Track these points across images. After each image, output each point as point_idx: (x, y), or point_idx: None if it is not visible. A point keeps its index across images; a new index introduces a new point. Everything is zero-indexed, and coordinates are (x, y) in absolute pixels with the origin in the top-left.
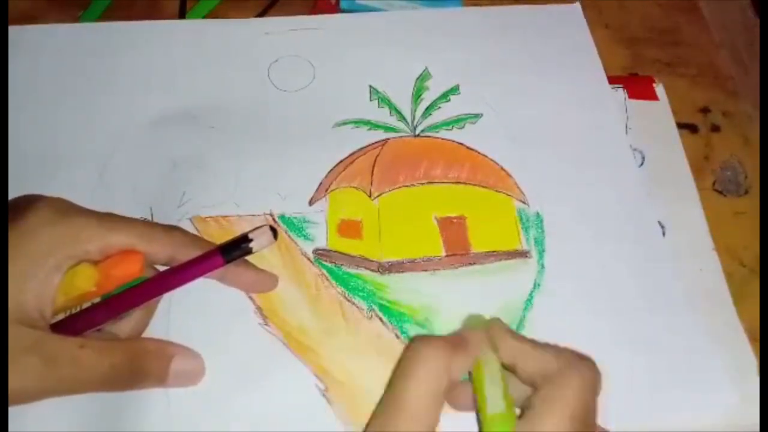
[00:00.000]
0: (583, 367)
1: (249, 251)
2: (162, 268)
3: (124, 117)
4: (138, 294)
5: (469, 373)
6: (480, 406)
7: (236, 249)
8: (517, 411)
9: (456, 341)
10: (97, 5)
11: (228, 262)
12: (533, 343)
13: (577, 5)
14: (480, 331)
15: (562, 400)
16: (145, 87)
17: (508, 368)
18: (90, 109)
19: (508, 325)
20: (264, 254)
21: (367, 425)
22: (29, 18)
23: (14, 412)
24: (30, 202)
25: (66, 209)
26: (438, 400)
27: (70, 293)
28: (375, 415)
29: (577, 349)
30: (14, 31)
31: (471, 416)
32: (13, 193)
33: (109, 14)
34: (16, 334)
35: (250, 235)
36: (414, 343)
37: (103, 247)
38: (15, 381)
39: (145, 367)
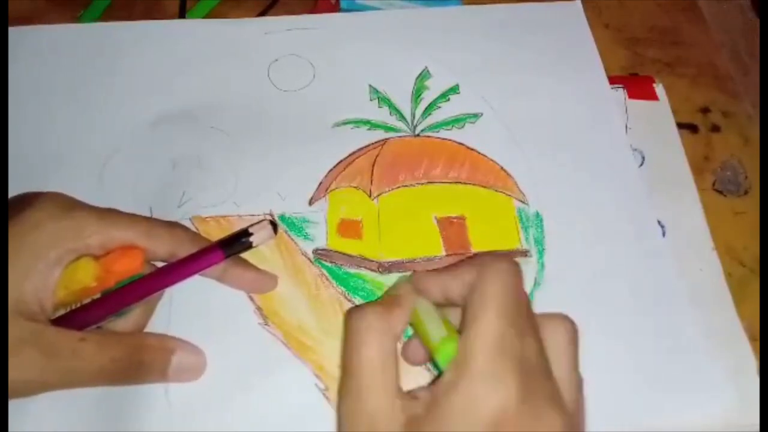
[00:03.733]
0: (497, 261)
1: (249, 245)
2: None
3: (124, 117)
4: (138, 288)
5: (411, 327)
6: (426, 343)
7: (236, 243)
8: None
9: (386, 300)
10: (97, 5)
11: (228, 256)
12: (450, 267)
13: (578, 3)
14: (405, 284)
15: (486, 302)
16: (145, 87)
17: (444, 304)
18: (90, 109)
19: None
20: (264, 254)
21: (337, 411)
22: (29, 18)
23: (14, 409)
24: (31, 197)
25: (68, 204)
26: (391, 362)
27: (71, 287)
28: (340, 401)
29: None
30: (14, 32)
31: None
32: (13, 192)
33: (109, 14)
34: (16, 326)
35: (251, 230)
36: (349, 315)
37: (104, 242)
38: (15, 373)
39: (145, 360)
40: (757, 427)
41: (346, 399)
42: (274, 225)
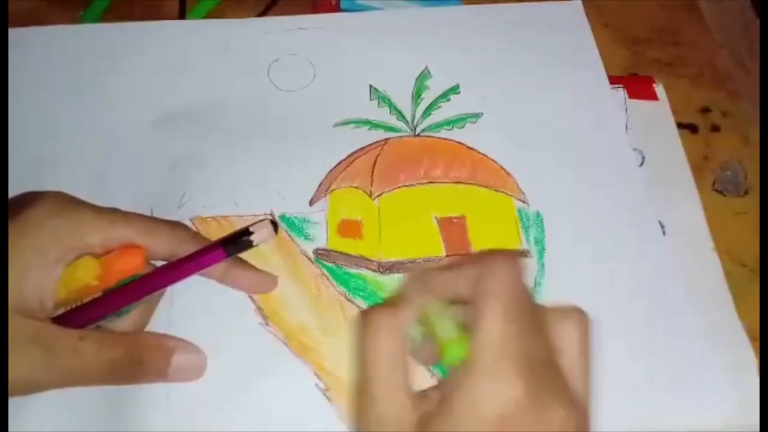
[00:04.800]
0: (498, 257)
1: (250, 244)
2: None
3: (125, 117)
4: (140, 287)
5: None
6: (436, 343)
7: (237, 242)
8: None
9: (394, 300)
10: (97, 5)
11: (229, 255)
12: (454, 264)
13: (578, 3)
14: (412, 283)
15: (490, 300)
16: (145, 87)
17: (455, 302)
18: (90, 110)
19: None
20: (264, 254)
21: (351, 413)
22: (29, 18)
23: (14, 409)
24: (32, 196)
25: (69, 202)
26: (399, 360)
27: (72, 286)
28: (353, 404)
29: None
30: (14, 33)
31: None
32: (14, 192)
33: (109, 14)
34: (16, 325)
35: (251, 229)
36: (357, 317)
37: (105, 241)
38: (15, 371)
39: (145, 359)
40: (757, 427)
41: (358, 399)
42: (274, 224)
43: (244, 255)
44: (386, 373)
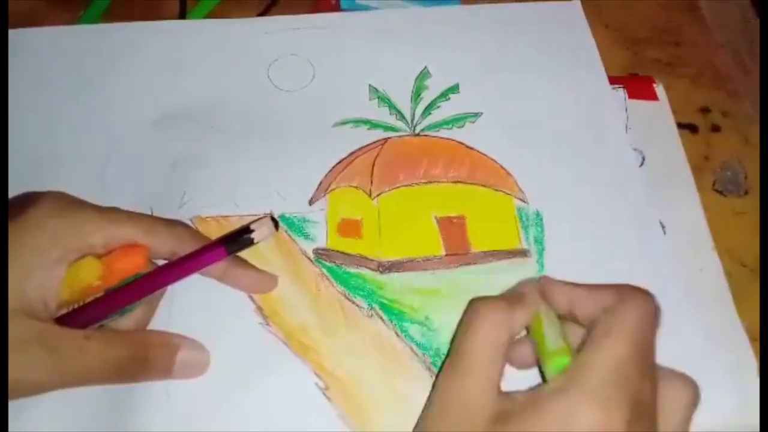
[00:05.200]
0: (640, 298)
1: (251, 241)
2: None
3: (124, 117)
4: (142, 286)
5: (527, 330)
6: (540, 349)
7: (238, 240)
8: None
9: (512, 297)
10: (97, 6)
11: (230, 252)
12: (588, 285)
13: (578, 3)
14: (532, 285)
15: (620, 326)
16: (145, 87)
17: (566, 317)
18: (90, 110)
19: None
20: (264, 254)
21: (433, 386)
22: (29, 19)
23: (14, 409)
24: (33, 196)
25: (69, 203)
26: (500, 355)
27: (75, 286)
28: (440, 376)
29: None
30: (14, 33)
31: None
32: (14, 192)
33: (109, 14)
34: (19, 326)
35: (252, 226)
36: (473, 303)
37: (107, 241)
38: (20, 372)
39: (150, 357)
40: (757, 428)
41: (448, 377)
42: (275, 221)
43: (244, 254)
44: (485, 362)
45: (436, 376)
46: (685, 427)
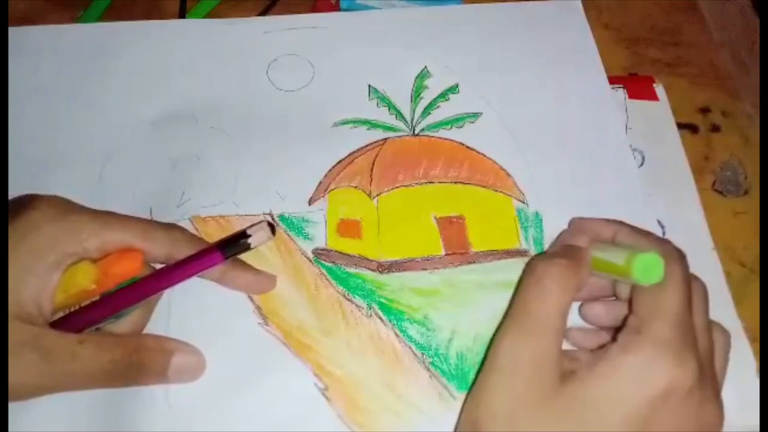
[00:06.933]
0: (680, 252)
1: (247, 247)
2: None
3: (124, 117)
4: (138, 290)
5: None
6: (615, 271)
7: (235, 245)
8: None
9: (570, 253)
10: (97, 5)
11: (227, 258)
12: (629, 225)
13: (578, 3)
14: (578, 236)
15: (674, 281)
16: (145, 87)
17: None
18: (90, 109)
19: None
20: (263, 254)
21: (493, 348)
22: (29, 18)
23: (13, 411)
24: (30, 200)
25: (65, 207)
26: (566, 314)
27: (70, 291)
28: (504, 338)
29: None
30: (14, 33)
31: None
32: (14, 192)
33: (109, 14)
34: (14, 330)
35: (248, 231)
36: (534, 264)
37: (102, 245)
38: (14, 376)
39: (144, 362)
40: (757, 428)
41: (516, 338)
42: (272, 226)
43: (244, 254)
44: (554, 322)
45: (496, 338)
46: (725, 371)
